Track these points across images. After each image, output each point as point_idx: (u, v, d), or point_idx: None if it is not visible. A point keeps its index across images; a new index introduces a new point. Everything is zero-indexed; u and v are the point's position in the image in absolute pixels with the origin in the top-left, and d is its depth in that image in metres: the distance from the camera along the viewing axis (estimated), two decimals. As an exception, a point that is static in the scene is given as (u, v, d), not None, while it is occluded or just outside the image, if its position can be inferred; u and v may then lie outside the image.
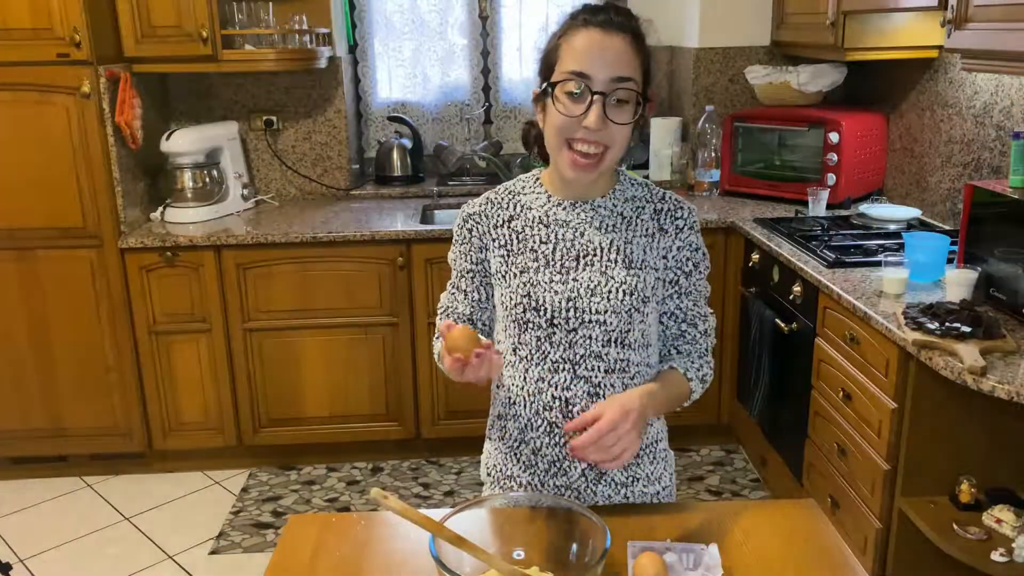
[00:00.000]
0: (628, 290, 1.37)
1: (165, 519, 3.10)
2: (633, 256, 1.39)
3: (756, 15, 3.62)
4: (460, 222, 1.46)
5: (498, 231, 1.42)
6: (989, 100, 2.68)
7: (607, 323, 1.37)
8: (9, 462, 3.35)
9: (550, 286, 1.37)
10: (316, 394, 3.29)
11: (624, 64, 1.30)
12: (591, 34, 1.29)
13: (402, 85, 3.93)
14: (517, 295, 1.38)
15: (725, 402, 3.39)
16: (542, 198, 1.42)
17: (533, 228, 1.41)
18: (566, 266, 1.38)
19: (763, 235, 2.94)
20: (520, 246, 1.40)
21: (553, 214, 1.41)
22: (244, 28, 3.33)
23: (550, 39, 1.36)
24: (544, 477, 1.45)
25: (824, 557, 1.27)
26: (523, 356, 1.41)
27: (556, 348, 1.38)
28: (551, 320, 1.37)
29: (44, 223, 3.09)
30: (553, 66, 1.33)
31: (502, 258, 1.41)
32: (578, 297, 1.36)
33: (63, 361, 3.22)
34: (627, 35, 1.31)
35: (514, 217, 1.42)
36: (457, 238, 1.47)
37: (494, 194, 1.46)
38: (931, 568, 2.12)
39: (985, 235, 2.23)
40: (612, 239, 1.39)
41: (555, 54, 1.33)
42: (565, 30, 1.33)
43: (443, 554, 1.11)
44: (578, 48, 1.29)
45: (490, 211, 1.44)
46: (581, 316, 1.37)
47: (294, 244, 3.11)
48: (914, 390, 2.06)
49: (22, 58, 2.94)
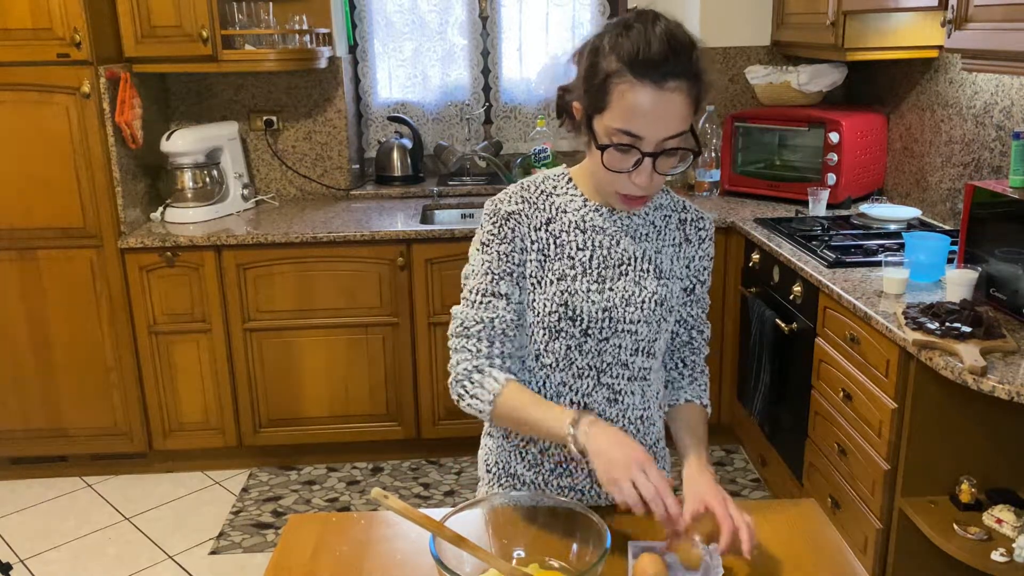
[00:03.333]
0: (659, 300, 1.38)
1: (165, 519, 3.10)
2: (663, 266, 1.39)
3: (756, 15, 3.62)
4: (499, 220, 1.35)
5: (536, 234, 1.35)
6: (989, 100, 2.68)
7: (638, 332, 1.37)
8: (9, 462, 3.35)
9: (587, 295, 1.34)
10: (316, 394, 3.29)
11: (678, 120, 1.22)
12: (646, 92, 1.18)
13: (402, 85, 3.93)
14: (553, 303, 1.34)
15: (725, 402, 3.39)
16: (577, 201, 1.37)
17: (570, 233, 1.36)
18: (603, 275, 1.36)
19: (763, 235, 2.94)
20: (557, 252, 1.35)
21: (590, 220, 1.37)
22: (244, 28, 3.33)
23: (600, 61, 1.22)
24: (549, 477, 1.45)
25: (824, 557, 1.27)
26: (547, 364, 1.38)
27: (584, 356, 1.37)
28: (585, 330, 1.35)
29: (44, 223, 3.09)
30: (601, 99, 1.22)
31: (539, 263, 1.35)
32: (614, 307, 1.35)
33: (63, 361, 3.22)
34: (684, 83, 1.20)
35: (551, 220, 1.36)
36: (494, 238, 1.35)
37: (527, 192, 1.38)
38: (931, 568, 2.12)
39: (985, 235, 2.22)
40: (645, 248, 1.38)
41: (604, 91, 1.21)
42: (618, 72, 1.20)
43: (443, 554, 1.11)
44: (630, 106, 1.19)
45: (528, 211, 1.36)
46: (615, 326, 1.36)
47: (294, 244, 3.11)
48: (914, 390, 2.06)
49: (22, 58, 2.94)
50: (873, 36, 2.95)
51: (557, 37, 3.89)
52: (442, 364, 3.27)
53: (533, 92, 3.93)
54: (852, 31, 2.94)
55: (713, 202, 3.45)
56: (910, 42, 2.93)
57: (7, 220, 3.08)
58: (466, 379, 1.35)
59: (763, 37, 3.65)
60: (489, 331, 1.35)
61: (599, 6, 3.85)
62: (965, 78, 2.82)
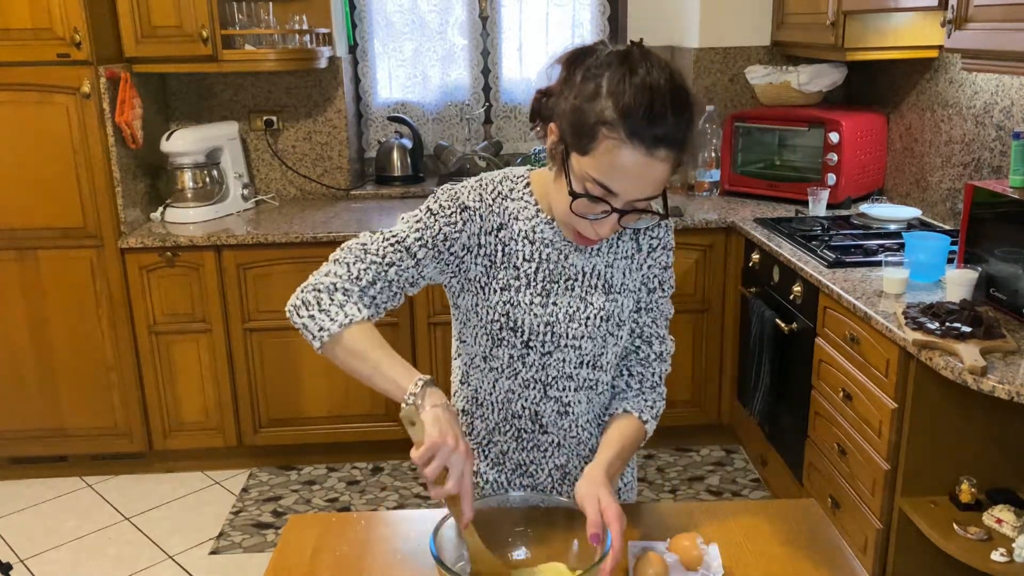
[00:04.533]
0: (605, 316, 1.35)
1: (165, 519, 3.10)
2: (613, 280, 1.36)
3: (756, 15, 3.62)
4: (455, 207, 1.32)
5: (486, 238, 1.33)
6: (989, 100, 2.68)
7: (582, 348, 1.35)
8: (9, 462, 3.35)
9: (530, 308, 1.32)
10: (316, 394, 3.29)
11: (657, 185, 1.18)
12: (634, 156, 1.13)
13: (402, 85, 3.92)
14: (495, 312, 1.33)
15: (725, 402, 3.39)
16: (530, 209, 1.34)
17: (518, 243, 1.33)
18: (547, 289, 1.33)
19: (763, 235, 2.94)
20: (504, 260, 1.33)
21: (540, 232, 1.33)
22: (244, 28, 3.33)
23: (595, 103, 1.15)
24: (511, 476, 1.45)
25: (824, 557, 1.27)
26: (494, 367, 1.37)
27: (528, 368, 1.35)
28: (527, 342, 1.33)
29: (44, 223, 3.09)
30: (585, 143, 1.16)
31: (484, 268, 1.33)
32: (556, 322, 1.33)
33: (63, 361, 3.22)
34: (674, 152, 1.16)
35: (503, 226, 1.33)
36: (443, 215, 1.31)
37: (484, 191, 1.34)
38: (931, 568, 2.12)
39: (985, 235, 2.23)
40: (595, 264, 1.35)
41: (591, 136, 1.15)
42: (611, 125, 1.13)
43: (443, 554, 1.11)
44: (613, 163, 1.15)
45: (483, 212, 1.32)
46: (557, 341, 1.34)
47: (294, 244, 3.11)
48: (914, 390, 2.06)
49: (22, 58, 2.94)
50: (873, 36, 2.95)
51: (557, 37, 3.89)
52: (443, 364, 3.27)
53: (533, 92, 3.92)
54: (852, 31, 2.94)
55: (713, 202, 3.45)
56: (910, 42, 2.93)
57: (7, 220, 3.08)
58: (326, 292, 1.28)
59: (763, 37, 3.65)
60: (379, 270, 1.29)
61: (599, 6, 3.85)
62: (965, 78, 2.82)
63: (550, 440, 1.41)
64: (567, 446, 1.42)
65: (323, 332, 1.25)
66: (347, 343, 1.25)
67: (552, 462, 1.43)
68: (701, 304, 3.28)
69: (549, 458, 1.43)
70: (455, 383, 1.48)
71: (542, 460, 1.43)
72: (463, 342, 1.41)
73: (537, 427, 1.40)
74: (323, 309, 1.27)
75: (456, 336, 1.43)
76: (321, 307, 1.27)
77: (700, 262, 3.24)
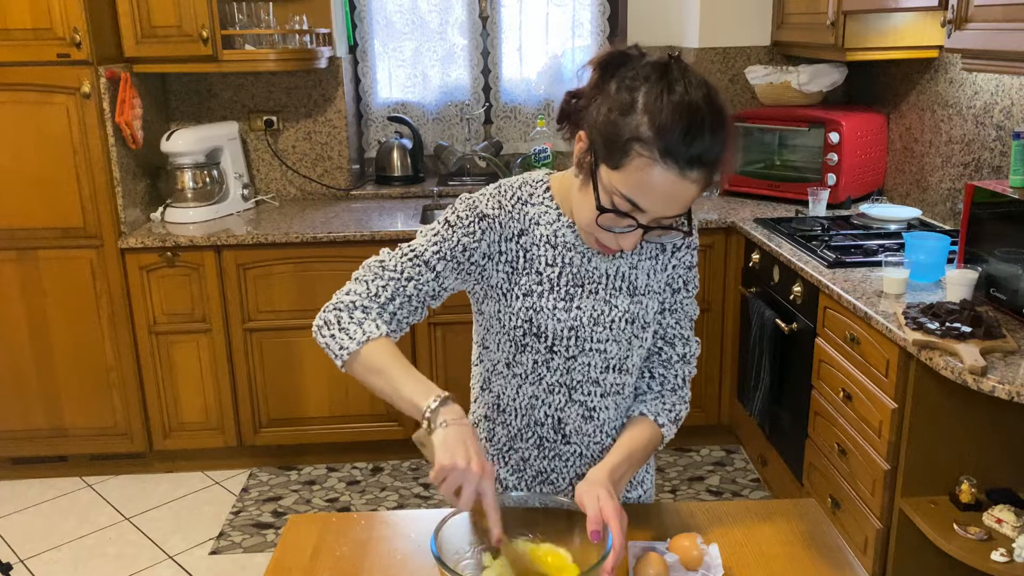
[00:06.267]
0: (630, 319, 1.34)
1: (165, 519, 3.10)
2: (637, 282, 1.35)
3: (756, 15, 3.62)
4: (473, 216, 1.30)
5: (507, 244, 1.31)
6: (989, 100, 2.68)
7: (607, 351, 1.34)
8: (9, 462, 3.35)
9: (553, 313, 1.31)
10: (316, 394, 3.29)
11: (685, 204, 1.17)
12: (667, 176, 1.11)
13: (402, 85, 3.92)
14: (518, 318, 1.32)
15: (725, 402, 3.39)
16: (551, 213, 1.32)
17: (540, 248, 1.31)
18: (570, 293, 1.32)
19: (763, 235, 2.94)
20: (526, 265, 1.31)
21: (562, 235, 1.32)
22: (244, 28, 3.33)
23: (630, 118, 1.11)
24: (531, 483, 1.44)
25: (824, 557, 1.27)
26: (518, 373, 1.36)
27: (553, 373, 1.35)
28: (551, 347, 1.32)
29: (44, 223, 3.09)
30: (617, 158, 1.13)
31: (506, 275, 1.32)
32: (580, 326, 1.32)
33: (63, 361, 3.22)
34: (706, 174, 1.14)
35: (524, 232, 1.31)
36: (461, 226, 1.30)
37: (503, 198, 1.32)
38: (931, 568, 2.12)
39: (985, 235, 2.23)
40: (618, 266, 1.33)
41: (624, 152, 1.12)
42: (646, 143, 1.10)
43: (443, 553, 1.11)
44: (644, 182, 1.12)
45: (503, 219, 1.30)
46: (582, 345, 1.33)
47: (294, 244, 3.11)
48: (914, 390, 2.06)
49: (22, 58, 2.94)
50: (873, 36, 2.95)
51: (557, 37, 3.89)
52: (443, 364, 3.27)
53: (533, 92, 3.93)
54: (852, 31, 2.94)
55: (713, 202, 3.46)
56: (910, 42, 2.93)
57: (7, 220, 3.08)
58: (347, 311, 1.29)
59: (763, 37, 3.65)
60: (399, 286, 1.30)
61: (599, 6, 3.84)
62: (965, 78, 2.82)
63: (572, 450, 1.41)
64: (589, 456, 1.41)
65: (343, 351, 1.26)
66: (366, 361, 1.26)
67: (573, 471, 1.42)
68: (701, 304, 3.27)
69: (571, 467, 1.42)
70: (475, 389, 1.47)
71: (563, 469, 1.42)
72: (486, 348, 1.40)
73: (560, 437, 1.39)
74: (343, 328, 1.27)
75: (479, 342, 1.43)
76: (341, 326, 1.28)
77: (700, 262, 3.21)
